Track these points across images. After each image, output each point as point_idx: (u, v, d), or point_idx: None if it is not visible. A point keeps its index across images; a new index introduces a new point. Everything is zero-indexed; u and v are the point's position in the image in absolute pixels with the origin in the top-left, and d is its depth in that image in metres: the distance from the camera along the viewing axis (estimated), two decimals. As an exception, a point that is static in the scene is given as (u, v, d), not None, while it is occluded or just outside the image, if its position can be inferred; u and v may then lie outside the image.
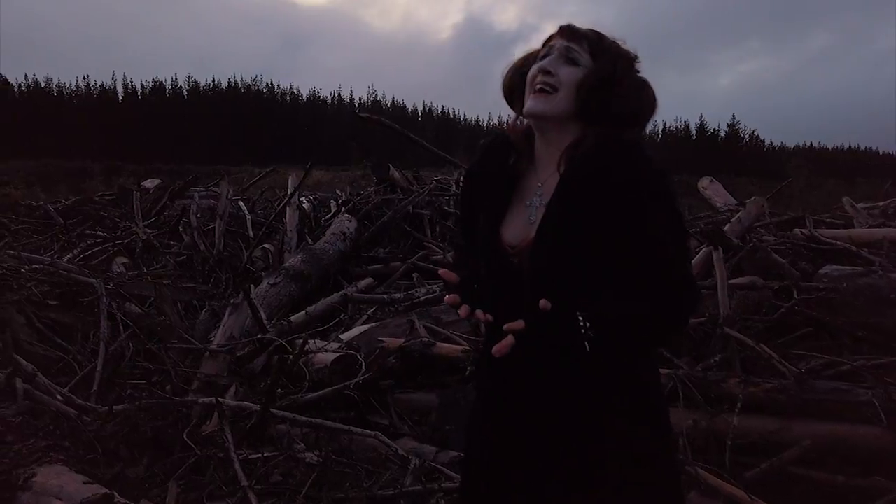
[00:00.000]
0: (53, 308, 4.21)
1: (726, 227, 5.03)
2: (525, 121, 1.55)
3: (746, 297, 4.06)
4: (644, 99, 1.46)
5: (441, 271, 1.41)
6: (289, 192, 7.19)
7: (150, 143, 52.66)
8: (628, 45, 1.51)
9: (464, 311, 1.35)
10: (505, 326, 1.31)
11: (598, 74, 1.42)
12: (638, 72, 1.49)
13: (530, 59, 1.53)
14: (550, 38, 1.50)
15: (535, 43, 1.59)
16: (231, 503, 2.81)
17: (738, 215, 5.38)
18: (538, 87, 1.44)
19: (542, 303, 1.30)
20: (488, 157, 1.62)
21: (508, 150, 1.57)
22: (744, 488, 2.70)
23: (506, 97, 1.60)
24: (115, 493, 2.60)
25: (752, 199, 5.63)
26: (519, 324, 1.30)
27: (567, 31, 1.47)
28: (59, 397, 3.49)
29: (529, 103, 1.46)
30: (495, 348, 1.32)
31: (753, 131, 60.88)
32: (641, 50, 1.50)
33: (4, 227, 7.02)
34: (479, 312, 1.35)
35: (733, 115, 60.91)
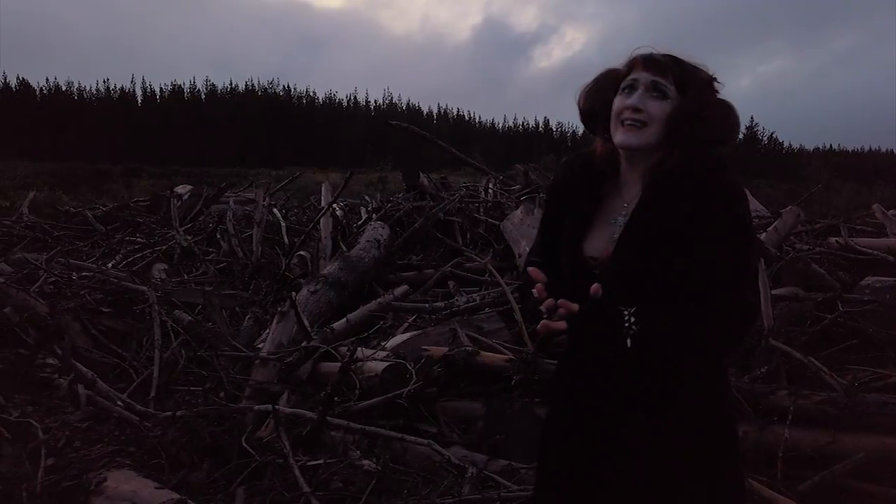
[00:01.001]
0: (107, 315, 4.32)
1: (762, 237, 5.06)
2: (608, 145, 1.63)
3: (789, 308, 4.09)
4: (728, 121, 1.53)
5: (531, 269, 1.46)
6: (322, 199, 7.29)
7: (169, 145, 53.25)
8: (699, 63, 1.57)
9: (548, 303, 1.39)
10: (559, 301, 1.37)
11: (687, 107, 1.49)
12: (718, 93, 1.55)
13: (606, 82, 1.59)
14: (632, 66, 1.55)
15: (553, 45, 1.68)
16: (294, 509, 2.90)
17: (773, 224, 5.40)
18: (628, 122, 1.51)
19: (594, 287, 1.36)
20: (572, 174, 1.69)
21: (591, 169, 1.64)
22: (798, 500, 2.75)
23: (584, 120, 1.67)
24: (188, 499, 2.70)
25: (788, 208, 5.65)
26: (574, 305, 1.36)
27: (651, 64, 1.52)
28: (119, 403, 3.60)
29: (621, 137, 1.52)
30: (541, 324, 1.39)
31: (772, 133, 60.51)
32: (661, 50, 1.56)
33: (47, 234, 7.19)
34: (562, 301, 1.38)
35: (752, 118, 60.50)
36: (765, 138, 60.35)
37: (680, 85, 1.51)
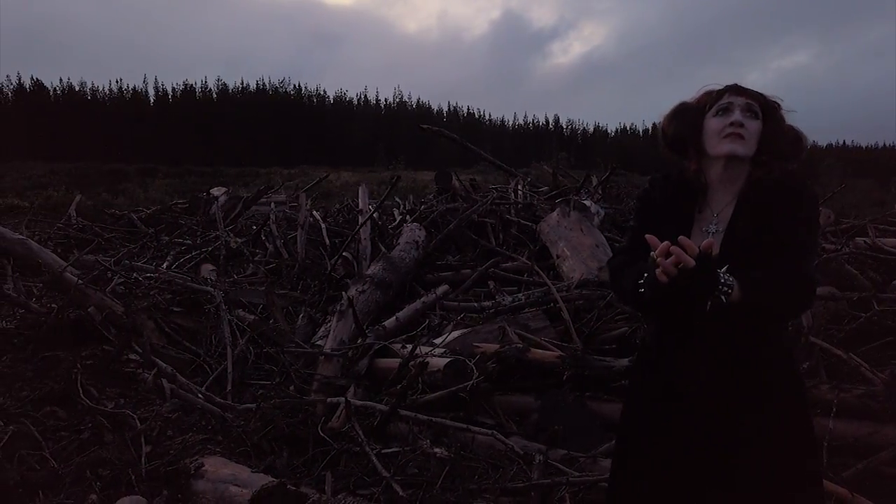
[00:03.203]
0: (178, 314, 4.58)
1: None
2: (698, 164, 1.88)
3: (826, 307, 4.30)
4: (801, 144, 1.83)
5: (648, 236, 1.61)
6: (359, 202, 7.54)
7: (182, 144, 53.63)
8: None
9: (663, 247, 1.54)
10: (673, 248, 1.52)
11: (772, 127, 1.79)
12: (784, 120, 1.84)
13: (693, 110, 1.86)
14: (722, 93, 1.83)
15: (572, 40, 1.93)
16: (377, 492, 3.14)
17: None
18: (729, 136, 1.77)
19: (707, 242, 1.55)
20: (665, 190, 1.93)
21: (684, 186, 1.89)
22: (845, 485, 2.97)
23: (672, 143, 1.92)
24: (286, 482, 2.94)
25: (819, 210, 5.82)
26: (687, 257, 1.51)
27: (742, 90, 1.82)
28: (200, 396, 3.86)
29: (728, 146, 1.78)
30: (660, 269, 1.53)
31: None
32: (673, 47, 1.84)
33: (98, 236, 7.47)
34: (675, 249, 1.52)
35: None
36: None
37: (765, 111, 1.81)
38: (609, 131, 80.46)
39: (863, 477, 3.14)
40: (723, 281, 1.55)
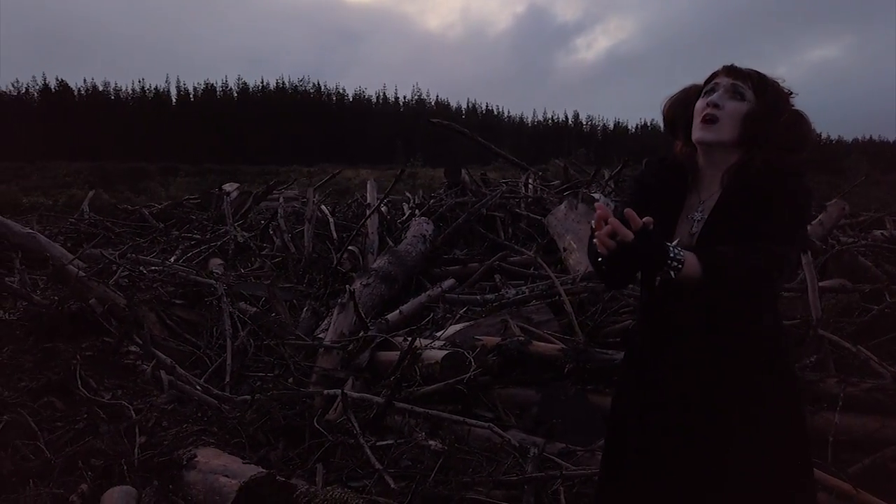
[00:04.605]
0: (179, 307, 4.59)
1: (808, 230, 5.11)
2: (687, 148, 1.80)
3: (836, 299, 4.19)
4: (801, 130, 1.69)
5: (626, 210, 1.46)
6: (368, 197, 7.52)
7: (203, 143, 54.27)
8: (781, 82, 1.74)
9: (600, 215, 1.44)
10: (626, 211, 1.43)
11: (761, 109, 1.67)
12: (793, 105, 1.72)
13: (690, 93, 1.78)
14: (714, 75, 1.74)
15: (598, 34, 1.84)
16: (369, 484, 3.11)
17: (818, 217, 5.47)
18: (705, 118, 1.68)
19: (647, 219, 1.44)
20: (655, 174, 1.86)
21: (672, 170, 1.81)
22: (849, 481, 2.87)
23: (667, 126, 1.85)
24: (275, 472, 2.92)
25: (833, 201, 5.71)
26: (626, 231, 1.41)
27: (733, 71, 1.71)
28: (198, 387, 3.86)
29: (697, 133, 1.70)
30: (597, 239, 1.44)
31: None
32: (701, 40, 1.72)
33: (109, 230, 7.56)
34: (613, 220, 1.42)
35: (792, 108, 59.01)
36: (805, 130, 58.86)
37: (758, 91, 1.68)
38: (629, 127, 79.82)
39: (869, 472, 3.04)
40: (672, 255, 1.46)
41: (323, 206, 7.72)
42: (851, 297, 4.21)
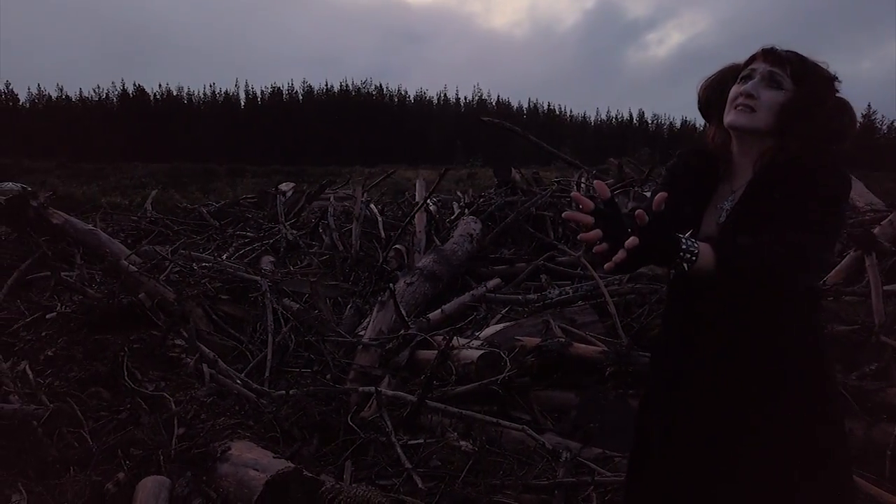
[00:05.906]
0: (225, 302, 4.70)
1: (876, 230, 4.80)
2: (720, 133, 1.69)
3: (903, 304, 3.90)
4: (842, 119, 1.56)
5: (657, 196, 1.38)
6: (416, 195, 7.53)
7: (269, 145, 55.91)
8: (824, 63, 1.61)
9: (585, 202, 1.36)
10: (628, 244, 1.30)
11: (800, 98, 1.54)
12: (837, 92, 1.58)
13: (727, 74, 1.67)
14: (753, 58, 1.62)
15: (670, 29, 1.71)
16: (397, 483, 3.09)
17: (889, 218, 5.11)
18: (738, 107, 1.57)
19: (639, 213, 1.32)
20: (689, 161, 1.77)
21: (706, 159, 1.72)
22: (908, 499, 2.66)
23: (701, 110, 1.75)
24: (303, 468, 2.94)
25: (905, 200, 5.34)
26: (634, 240, 1.30)
27: (771, 56, 1.59)
28: (238, 381, 3.94)
29: (730, 118, 1.59)
30: (607, 265, 1.34)
31: (893, 122, 55.94)
32: (784, 34, 1.58)
33: (168, 228, 7.86)
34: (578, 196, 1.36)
35: (869, 105, 56.22)
36: (884, 127, 55.94)
37: (797, 78, 1.56)
38: (697, 126, 77.39)
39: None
40: (684, 247, 1.36)
41: (372, 205, 7.78)
42: (921, 301, 3.91)
